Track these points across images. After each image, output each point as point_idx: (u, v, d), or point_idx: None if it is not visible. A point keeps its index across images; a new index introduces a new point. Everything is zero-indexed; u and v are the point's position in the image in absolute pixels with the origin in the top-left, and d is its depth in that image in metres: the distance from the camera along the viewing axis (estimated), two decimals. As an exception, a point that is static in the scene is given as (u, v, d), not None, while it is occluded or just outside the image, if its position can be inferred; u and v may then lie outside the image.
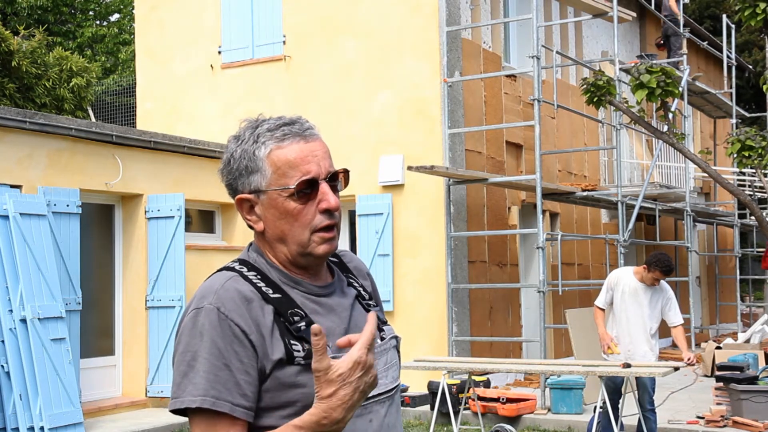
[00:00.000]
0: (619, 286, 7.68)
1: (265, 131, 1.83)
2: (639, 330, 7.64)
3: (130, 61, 22.76)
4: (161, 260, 10.43)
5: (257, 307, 1.76)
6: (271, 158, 1.81)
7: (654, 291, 7.62)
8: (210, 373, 1.70)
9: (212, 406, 1.68)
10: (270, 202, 1.82)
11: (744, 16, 10.31)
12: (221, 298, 1.75)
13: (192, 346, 1.73)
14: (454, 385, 9.50)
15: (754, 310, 20.26)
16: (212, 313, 1.73)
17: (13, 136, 9.25)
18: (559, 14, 14.48)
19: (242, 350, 1.72)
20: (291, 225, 1.82)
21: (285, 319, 1.77)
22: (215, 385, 1.69)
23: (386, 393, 1.87)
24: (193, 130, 12.96)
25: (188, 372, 1.71)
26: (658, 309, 7.64)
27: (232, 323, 1.72)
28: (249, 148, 1.83)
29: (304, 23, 12.53)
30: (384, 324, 1.96)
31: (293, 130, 1.83)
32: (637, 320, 7.62)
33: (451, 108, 11.52)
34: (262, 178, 1.82)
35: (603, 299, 7.78)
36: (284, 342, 1.74)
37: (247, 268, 1.84)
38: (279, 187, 1.81)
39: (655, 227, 15.91)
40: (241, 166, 1.84)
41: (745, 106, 27.92)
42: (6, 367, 8.35)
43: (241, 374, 1.71)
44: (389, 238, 11.53)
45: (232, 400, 1.69)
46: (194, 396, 1.69)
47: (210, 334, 1.72)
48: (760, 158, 10.43)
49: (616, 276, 7.80)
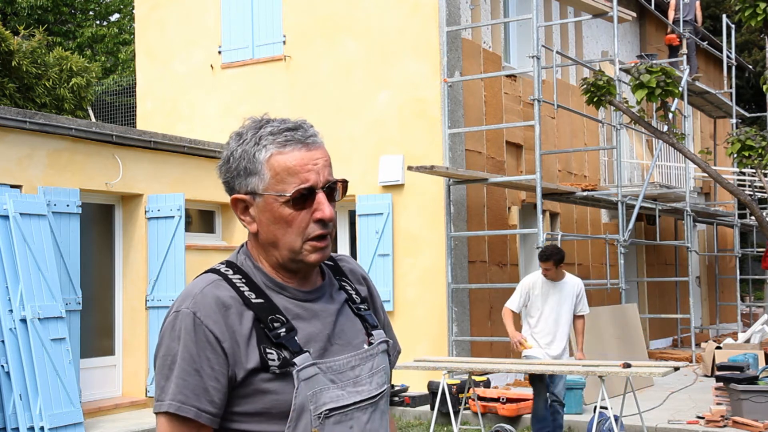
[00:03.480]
0: (536, 289, 7.95)
1: (268, 134, 1.82)
2: (556, 326, 7.89)
3: (130, 61, 22.75)
4: (161, 260, 10.43)
5: (235, 314, 1.76)
6: (271, 163, 1.80)
7: (562, 285, 7.90)
8: (179, 378, 1.71)
9: (177, 410, 1.70)
10: (265, 205, 1.81)
11: (744, 16, 10.31)
12: (198, 303, 1.75)
13: (171, 349, 1.75)
14: (454, 385, 9.50)
15: (754, 310, 20.25)
16: (188, 317, 1.74)
17: (13, 136, 9.25)
18: (559, 14, 14.48)
19: (214, 357, 1.72)
20: (284, 231, 1.81)
21: (264, 325, 1.76)
22: (183, 390, 1.71)
23: (369, 399, 1.85)
24: (193, 130, 12.96)
25: (169, 375, 1.73)
26: (569, 302, 7.90)
27: (206, 329, 1.73)
28: (250, 149, 1.82)
29: (304, 23, 12.52)
30: (374, 328, 1.93)
31: (296, 136, 1.82)
32: (553, 317, 7.88)
33: (451, 108, 11.52)
34: (260, 181, 1.81)
35: (516, 302, 8.03)
36: (260, 350, 1.74)
37: (233, 270, 1.84)
38: (276, 192, 1.80)
39: (655, 227, 15.92)
40: (240, 167, 1.83)
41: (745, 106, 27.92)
42: (6, 367, 8.35)
43: (211, 381, 1.72)
44: (389, 238, 11.53)
45: (199, 405, 1.71)
46: (162, 400, 1.72)
47: (184, 339, 1.73)
48: (760, 158, 10.43)
49: (530, 280, 8.06)
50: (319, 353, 1.79)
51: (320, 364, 1.78)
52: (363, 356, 1.86)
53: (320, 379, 1.77)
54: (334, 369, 1.81)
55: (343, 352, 1.84)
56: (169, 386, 1.72)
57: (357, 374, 1.84)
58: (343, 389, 1.81)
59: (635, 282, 16.33)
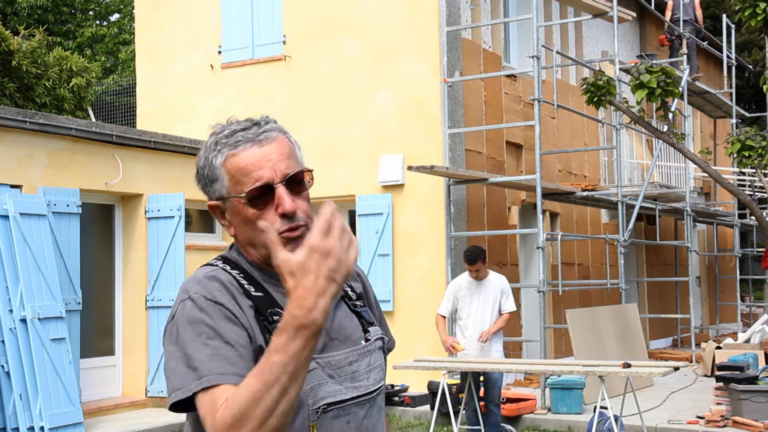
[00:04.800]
0: (461, 290, 8.16)
1: (222, 138, 1.82)
2: (483, 323, 8.08)
3: (130, 61, 22.75)
4: (161, 260, 10.43)
5: (240, 298, 1.76)
6: (227, 166, 1.81)
7: (486, 283, 8.10)
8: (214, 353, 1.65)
9: (219, 381, 1.62)
10: (233, 208, 1.82)
11: (744, 16, 10.31)
12: (206, 287, 1.75)
13: (190, 332, 1.69)
14: (454, 385, 9.49)
15: (754, 310, 20.25)
16: (200, 300, 1.73)
17: (13, 136, 9.26)
18: (559, 14, 14.48)
19: (238, 330, 1.70)
20: (254, 230, 1.80)
21: (264, 317, 1.76)
22: (221, 362, 1.64)
23: (366, 395, 1.86)
24: (193, 130, 12.95)
25: (190, 359, 1.66)
26: (493, 299, 8.07)
27: (222, 307, 1.72)
28: (209, 155, 1.83)
29: (304, 23, 12.52)
30: (370, 325, 1.94)
31: (247, 136, 1.80)
32: (480, 314, 8.08)
33: (451, 108, 11.52)
34: (222, 186, 1.82)
35: (445, 307, 8.26)
36: (264, 337, 1.73)
37: (230, 266, 1.84)
38: (236, 194, 1.80)
39: (655, 227, 15.91)
40: (205, 174, 1.85)
41: (745, 106, 27.91)
42: (6, 367, 8.35)
43: (242, 349, 1.68)
44: (389, 238, 11.53)
45: (239, 372, 1.63)
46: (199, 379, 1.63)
47: (203, 319, 1.69)
48: (760, 158, 10.43)
49: (455, 283, 8.28)
50: (319, 348, 1.79)
51: (319, 359, 1.78)
52: (361, 352, 1.87)
53: (318, 373, 1.77)
54: (333, 364, 1.81)
55: (342, 348, 1.84)
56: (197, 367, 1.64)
57: (355, 370, 1.84)
58: (341, 384, 1.81)
59: (635, 282, 16.33)
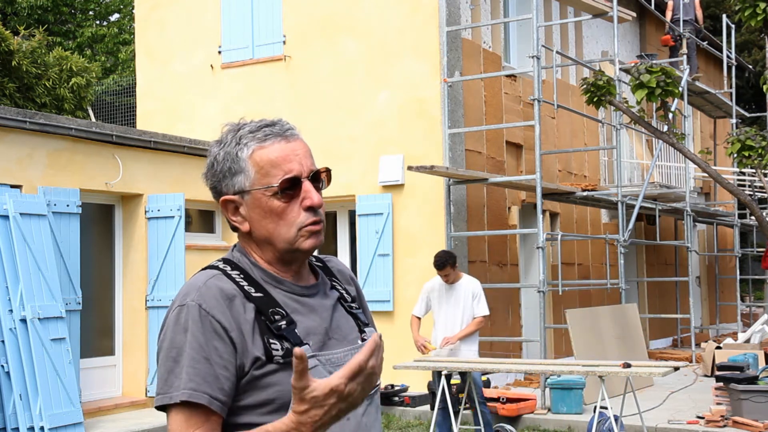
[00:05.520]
0: (433, 293, 8.25)
1: (247, 133, 1.87)
2: (454, 326, 8.14)
3: (130, 61, 22.75)
4: (161, 260, 10.43)
5: (239, 305, 1.79)
6: (254, 158, 1.85)
7: (458, 287, 8.14)
8: (190, 366, 1.72)
9: (189, 398, 1.71)
10: (254, 202, 1.86)
11: (744, 16, 10.31)
12: (203, 295, 1.78)
13: (176, 342, 1.75)
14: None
15: (754, 310, 20.25)
16: (194, 309, 1.76)
17: (13, 136, 9.26)
18: (559, 14, 14.48)
19: (222, 346, 1.74)
20: (276, 224, 1.85)
21: (266, 317, 1.80)
22: (194, 377, 1.72)
23: None
24: (193, 130, 12.95)
25: (174, 368, 1.74)
26: (463, 303, 8.10)
27: (213, 319, 1.75)
28: (232, 150, 1.86)
29: (304, 23, 12.52)
30: (366, 326, 1.99)
31: (274, 131, 1.87)
32: (451, 319, 8.14)
33: (451, 108, 11.52)
34: (246, 178, 1.85)
35: (419, 308, 8.39)
36: (263, 340, 1.77)
37: (231, 267, 1.88)
38: (263, 186, 1.84)
39: (655, 227, 15.91)
40: (225, 168, 1.87)
41: (745, 106, 27.91)
42: (6, 367, 8.35)
43: (221, 369, 1.74)
44: (389, 238, 11.53)
45: (211, 393, 1.72)
46: (178, 390, 1.72)
47: (192, 330, 1.74)
48: (760, 158, 10.42)
49: (429, 285, 8.37)
50: (318, 346, 1.84)
51: (320, 356, 1.83)
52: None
53: (320, 371, 1.80)
54: (333, 362, 1.85)
55: (340, 346, 1.89)
56: (177, 377, 1.72)
57: None
58: None
59: (635, 282, 16.33)
